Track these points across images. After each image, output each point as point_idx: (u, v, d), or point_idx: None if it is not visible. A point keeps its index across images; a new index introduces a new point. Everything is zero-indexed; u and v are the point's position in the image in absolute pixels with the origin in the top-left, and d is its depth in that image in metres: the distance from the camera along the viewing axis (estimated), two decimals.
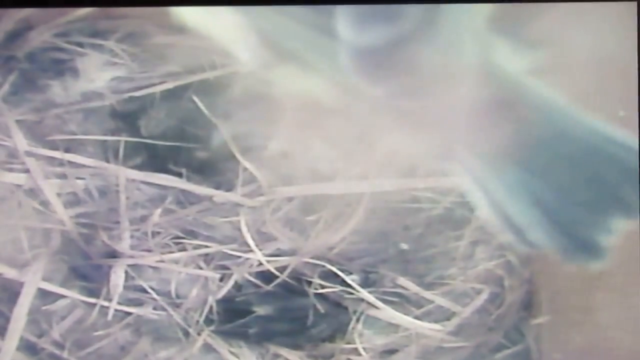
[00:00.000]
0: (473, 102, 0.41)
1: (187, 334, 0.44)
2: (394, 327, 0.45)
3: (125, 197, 0.44)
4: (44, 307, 0.44)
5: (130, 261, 0.44)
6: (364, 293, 0.44)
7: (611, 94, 0.44)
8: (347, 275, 0.44)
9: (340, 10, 0.39)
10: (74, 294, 0.44)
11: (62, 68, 0.45)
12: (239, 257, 0.44)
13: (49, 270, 0.44)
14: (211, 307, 0.44)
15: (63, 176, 0.44)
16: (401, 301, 0.45)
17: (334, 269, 0.44)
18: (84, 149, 0.45)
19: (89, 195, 0.44)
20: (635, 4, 0.44)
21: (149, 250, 0.44)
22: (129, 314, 0.44)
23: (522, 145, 0.41)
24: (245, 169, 0.45)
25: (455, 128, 0.41)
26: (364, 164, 0.44)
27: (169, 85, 0.45)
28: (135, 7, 0.43)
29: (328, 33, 0.40)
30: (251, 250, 0.44)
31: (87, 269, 0.44)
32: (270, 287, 0.44)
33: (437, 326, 0.45)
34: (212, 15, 0.41)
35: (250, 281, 0.44)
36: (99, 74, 0.45)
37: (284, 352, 0.44)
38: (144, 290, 0.44)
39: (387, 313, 0.44)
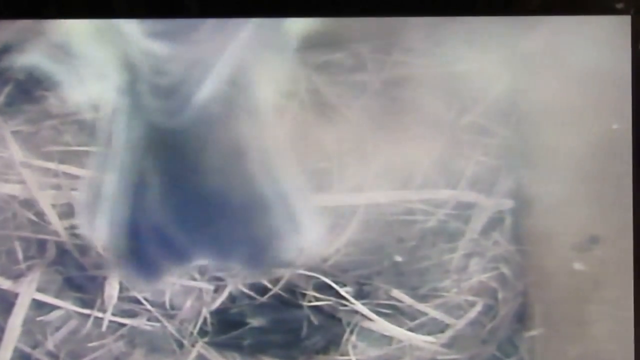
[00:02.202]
0: None
1: (181, 345, 0.44)
2: (388, 339, 0.45)
3: None
4: (38, 318, 0.44)
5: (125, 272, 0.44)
6: (358, 305, 0.44)
7: (605, 106, 0.45)
8: (341, 287, 0.44)
9: None
10: (69, 305, 0.44)
11: (57, 79, 0.45)
12: (233, 268, 0.44)
13: (44, 281, 0.44)
14: (205, 319, 0.44)
15: (58, 187, 0.44)
16: (395, 313, 0.45)
17: (328, 280, 0.44)
18: (79, 160, 0.45)
19: None
20: (629, 17, 0.44)
21: None
22: (123, 325, 0.44)
23: None
24: None
25: None
26: (358, 177, 0.44)
27: None
28: (131, 19, 0.43)
29: None
30: None
31: (81, 280, 0.44)
32: (264, 299, 0.44)
33: (430, 338, 0.45)
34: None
35: (244, 293, 0.44)
36: (94, 85, 0.45)
37: None
38: (138, 302, 0.44)
39: (381, 325, 0.44)
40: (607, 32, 0.44)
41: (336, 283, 0.44)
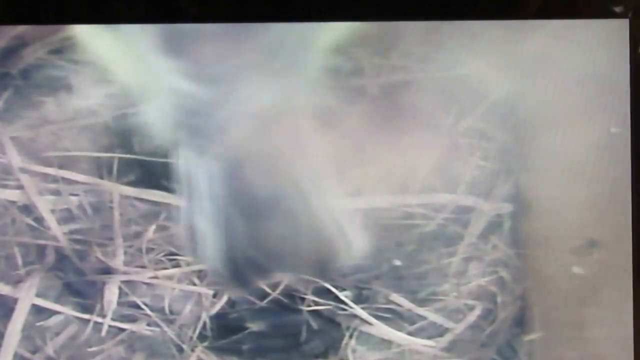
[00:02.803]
0: None
1: (180, 350, 0.44)
2: (387, 343, 0.45)
3: (119, 214, 0.45)
4: (38, 323, 0.44)
5: (124, 277, 0.44)
6: (357, 309, 0.44)
7: (603, 110, 0.45)
8: (340, 291, 0.44)
9: None
10: (68, 310, 0.44)
11: (56, 85, 0.45)
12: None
13: (43, 286, 0.44)
14: (205, 323, 0.44)
15: (57, 192, 0.44)
16: (394, 317, 0.45)
17: (327, 285, 0.44)
18: (78, 165, 0.45)
19: (83, 211, 0.45)
20: (627, 21, 0.44)
21: (143, 267, 0.44)
22: (123, 330, 0.44)
23: None
24: None
25: None
26: (357, 181, 0.45)
27: None
28: (129, 24, 0.43)
29: None
30: None
31: (81, 285, 0.44)
32: (263, 304, 0.44)
33: (430, 342, 0.45)
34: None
35: (243, 297, 0.44)
36: (93, 90, 0.45)
37: None
38: (138, 307, 0.44)
39: (380, 329, 0.44)
40: (605, 35, 0.44)
41: (335, 287, 0.44)
